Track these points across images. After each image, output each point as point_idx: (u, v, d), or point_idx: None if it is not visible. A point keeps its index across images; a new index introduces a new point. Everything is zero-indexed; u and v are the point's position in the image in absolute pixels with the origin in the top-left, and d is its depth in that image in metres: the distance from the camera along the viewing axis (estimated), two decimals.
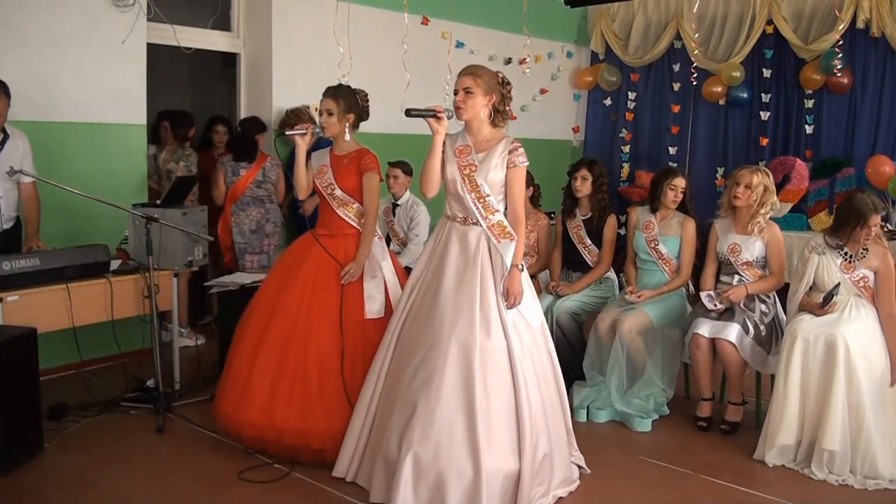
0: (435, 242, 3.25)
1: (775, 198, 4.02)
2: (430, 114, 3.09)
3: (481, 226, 3.13)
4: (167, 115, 5.43)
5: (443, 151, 3.20)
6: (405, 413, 2.99)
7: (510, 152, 3.13)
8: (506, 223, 3.13)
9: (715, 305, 3.92)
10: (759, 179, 3.94)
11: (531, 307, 3.18)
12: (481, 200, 3.12)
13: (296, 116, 5.32)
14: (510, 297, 3.05)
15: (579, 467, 3.36)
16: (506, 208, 3.17)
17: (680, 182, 4.28)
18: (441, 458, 2.88)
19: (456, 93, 3.15)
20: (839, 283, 3.60)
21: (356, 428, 3.22)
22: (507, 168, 3.13)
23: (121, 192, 4.75)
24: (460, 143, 3.20)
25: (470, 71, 3.15)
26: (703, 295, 3.97)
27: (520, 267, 3.09)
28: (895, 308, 3.56)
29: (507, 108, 3.23)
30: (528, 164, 3.17)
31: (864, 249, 3.64)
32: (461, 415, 2.91)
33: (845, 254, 3.66)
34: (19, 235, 4.19)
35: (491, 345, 3.00)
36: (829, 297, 3.58)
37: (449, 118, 3.12)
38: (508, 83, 3.22)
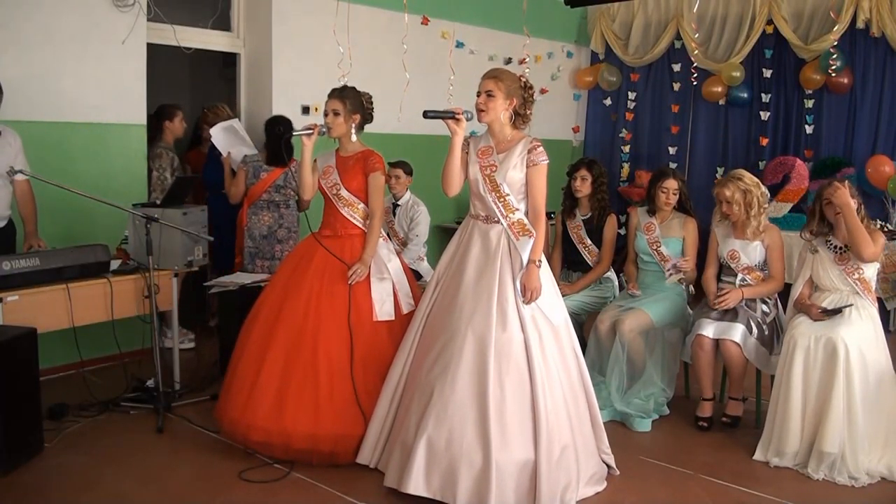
0: (459, 240, 3.35)
1: (761, 191, 3.97)
2: (449, 115, 3.17)
3: (502, 224, 3.21)
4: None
5: (466, 153, 3.29)
6: (422, 400, 3.09)
7: (529, 152, 3.22)
8: (526, 221, 3.22)
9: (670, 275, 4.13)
10: (731, 191, 3.95)
11: (552, 304, 3.23)
12: (501, 200, 3.22)
13: (213, 114, 5.19)
14: (527, 293, 3.12)
15: (609, 467, 3.37)
16: (527, 206, 3.25)
17: (671, 184, 4.27)
18: (453, 445, 2.96)
19: (479, 95, 3.23)
20: (851, 305, 3.58)
21: (380, 416, 3.29)
22: (527, 167, 3.21)
23: (121, 192, 4.74)
24: (483, 144, 3.30)
25: (492, 74, 3.23)
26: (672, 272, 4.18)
27: (537, 263, 3.15)
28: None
29: (529, 112, 3.31)
30: (548, 161, 3.23)
31: None
32: (474, 404, 2.99)
33: (835, 247, 3.68)
34: (12, 235, 4.18)
35: (506, 338, 3.07)
36: (834, 312, 3.57)
37: (468, 119, 3.19)
38: (531, 87, 3.30)
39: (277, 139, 4.70)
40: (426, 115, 3.19)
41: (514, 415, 3.00)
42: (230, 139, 5.14)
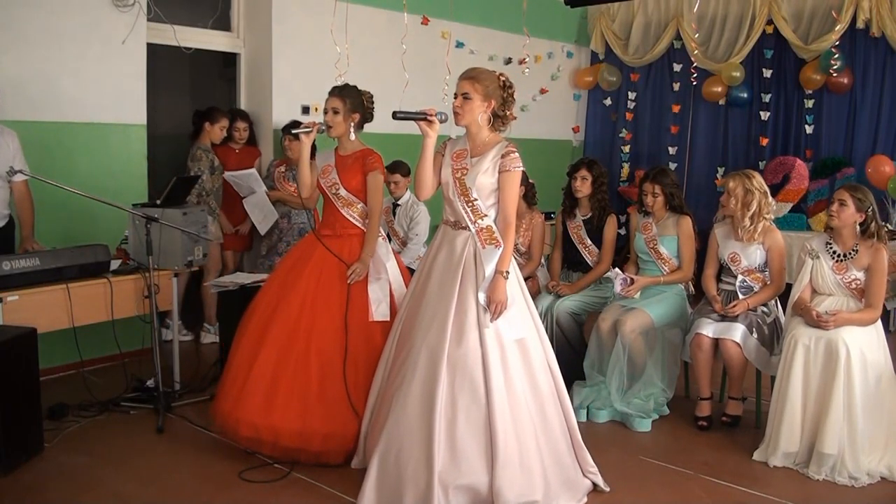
0: (431, 245, 3.24)
1: (767, 200, 3.98)
2: (421, 117, 3.01)
3: (470, 230, 3.08)
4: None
5: (442, 155, 3.18)
6: (382, 414, 3.06)
7: (503, 157, 3.06)
8: (494, 228, 3.06)
9: (625, 290, 4.11)
10: (735, 184, 3.95)
11: (520, 316, 3.07)
12: (470, 204, 3.08)
13: None
14: (491, 305, 2.96)
15: (595, 485, 3.21)
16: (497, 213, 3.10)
17: (647, 187, 4.30)
18: (401, 462, 2.90)
19: (455, 97, 3.08)
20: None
21: (365, 423, 3.27)
22: (499, 172, 3.06)
23: (121, 192, 4.74)
24: (459, 147, 3.16)
25: (469, 75, 3.06)
26: (617, 279, 4.15)
27: (505, 274, 2.99)
28: (879, 308, 3.54)
29: (509, 113, 3.13)
30: (522, 168, 3.08)
31: (853, 250, 3.64)
32: (421, 421, 2.90)
33: (835, 254, 3.67)
34: (12, 234, 4.18)
35: (462, 353, 2.93)
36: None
37: (443, 121, 3.05)
38: (510, 86, 3.11)
39: None
40: (395, 115, 3.00)
41: (467, 434, 2.88)
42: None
